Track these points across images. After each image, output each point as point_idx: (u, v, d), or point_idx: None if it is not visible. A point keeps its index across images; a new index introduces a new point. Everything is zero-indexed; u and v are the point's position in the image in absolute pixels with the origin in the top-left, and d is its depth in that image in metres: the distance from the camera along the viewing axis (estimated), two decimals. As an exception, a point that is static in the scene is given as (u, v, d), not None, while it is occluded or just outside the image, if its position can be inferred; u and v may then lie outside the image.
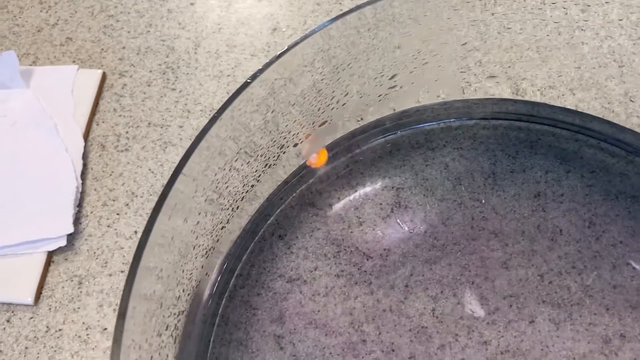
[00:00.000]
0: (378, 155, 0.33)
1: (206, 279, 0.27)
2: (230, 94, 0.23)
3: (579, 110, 0.34)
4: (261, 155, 0.27)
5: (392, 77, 0.28)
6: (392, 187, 0.32)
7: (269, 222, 0.32)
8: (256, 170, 0.27)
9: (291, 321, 0.29)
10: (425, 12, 0.26)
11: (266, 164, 0.28)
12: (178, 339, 0.24)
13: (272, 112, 0.25)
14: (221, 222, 0.27)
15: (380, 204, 0.32)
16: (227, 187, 0.25)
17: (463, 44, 0.30)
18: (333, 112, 0.29)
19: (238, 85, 0.37)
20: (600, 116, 0.34)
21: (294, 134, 0.28)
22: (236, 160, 0.25)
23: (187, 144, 0.35)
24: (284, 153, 0.29)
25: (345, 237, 0.31)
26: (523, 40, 0.34)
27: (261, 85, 0.24)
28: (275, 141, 0.27)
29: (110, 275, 0.32)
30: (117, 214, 0.33)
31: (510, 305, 0.29)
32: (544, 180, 0.32)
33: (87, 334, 0.31)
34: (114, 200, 0.34)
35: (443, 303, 0.29)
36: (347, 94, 0.28)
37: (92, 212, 0.34)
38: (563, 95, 0.35)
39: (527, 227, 0.31)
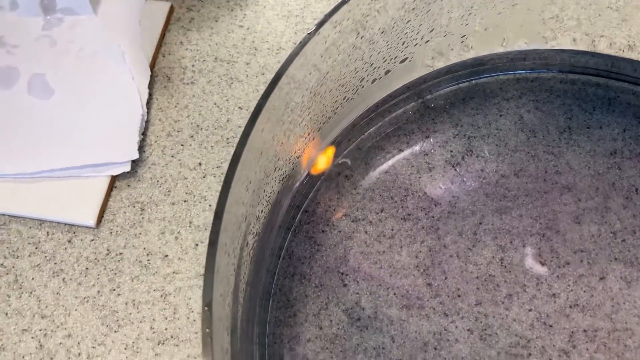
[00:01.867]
0: (450, 102, 0.32)
1: (279, 206, 0.27)
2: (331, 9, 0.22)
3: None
4: (342, 86, 0.26)
5: (481, 17, 0.28)
6: (464, 135, 0.32)
7: (337, 161, 0.31)
8: (335, 101, 0.27)
9: (355, 260, 0.29)
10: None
11: (345, 97, 0.27)
12: (253, 259, 0.24)
13: (361, 37, 0.24)
14: (297, 150, 0.26)
15: (451, 151, 0.31)
16: (309, 113, 0.25)
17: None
18: (416, 48, 0.28)
19: (307, 26, 0.37)
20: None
21: (375, 67, 0.27)
22: (321, 85, 0.24)
23: (254, 81, 0.35)
24: (362, 87, 0.28)
25: (414, 182, 0.31)
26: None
27: (350, 10, 0.24)
28: (357, 71, 0.26)
29: (173, 204, 0.32)
30: (182, 145, 0.33)
31: (581, 260, 0.29)
32: (621, 138, 0.31)
33: (148, 260, 0.30)
34: (178, 132, 0.34)
35: (512, 253, 0.29)
36: (432, 29, 0.27)
37: (156, 142, 0.33)
38: (644, 55, 0.34)
39: (601, 183, 0.30)
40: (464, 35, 0.30)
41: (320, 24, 0.22)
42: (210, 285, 0.17)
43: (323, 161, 0.31)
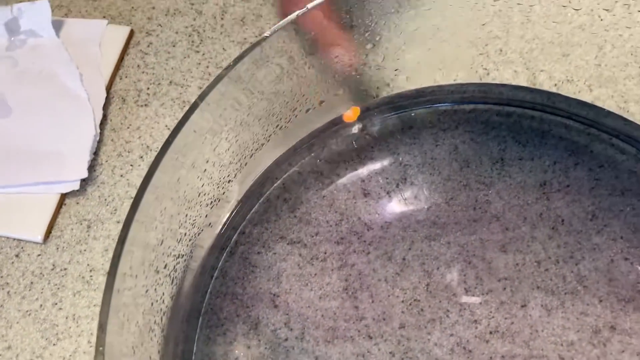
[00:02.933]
0: (390, 130, 0.34)
1: (209, 229, 0.28)
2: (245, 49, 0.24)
3: (596, 104, 0.34)
4: (272, 115, 0.27)
5: (410, 52, 0.29)
6: (400, 163, 0.33)
7: (275, 185, 0.32)
8: (267, 130, 0.28)
9: (288, 281, 0.30)
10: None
11: (277, 125, 0.29)
12: (176, 281, 0.25)
13: (287, 73, 0.25)
14: (228, 176, 0.28)
15: (387, 178, 0.33)
16: (237, 140, 0.26)
17: (483, 24, 0.30)
18: (349, 81, 0.29)
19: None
20: (617, 111, 0.34)
21: (307, 98, 0.29)
22: (247, 114, 0.26)
23: (243, 93, 0.36)
24: (296, 117, 0.29)
25: (349, 207, 0.32)
26: (545, 32, 0.34)
27: (275, 45, 0.25)
28: (288, 103, 0.27)
29: (118, 222, 0.33)
30: (131, 165, 0.34)
31: (504, 288, 0.30)
32: (551, 170, 0.32)
33: (91, 276, 0.32)
34: (129, 152, 0.35)
35: (438, 279, 0.30)
36: (365, 63, 0.29)
37: (106, 161, 0.35)
38: (580, 91, 0.35)
39: (529, 213, 0.31)
40: (397, 70, 0.31)
41: (237, 60, 0.23)
42: (106, 311, 0.18)
43: (260, 184, 0.32)
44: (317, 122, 0.31)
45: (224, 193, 0.28)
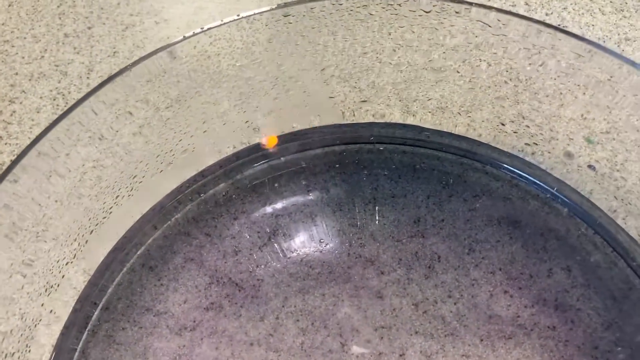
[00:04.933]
0: (260, 180, 0.32)
1: (50, 316, 0.26)
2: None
3: (468, 135, 0.33)
4: (107, 187, 0.26)
5: (255, 106, 0.28)
6: (272, 214, 0.31)
7: (139, 252, 0.31)
8: (104, 203, 0.27)
9: (155, 357, 0.28)
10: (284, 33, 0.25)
11: (117, 196, 0.27)
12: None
13: (113, 141, 0.24)
14: (64, 258, 0.26)
15: (258, 231, 0.31)
16: (61, 217, 0.25)
17: (330, 68, 0.29)
18: (193, 139, 0.28)
19: (117, 109, 0.37)
20: (491, 137, 0.33)
21: (146, 164, 0.27)
22: (71, 194, 0.24)
23: (75, 175, 0.35)
24: (140, 183, 0.28)
25: (219, 268, 0.30)
26: (418, 59, 0.33)
27: (97, 108, 0.24)
28: (124, 172, 0.26)
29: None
30: (-8, 245, 0.32)
31: (382, 337, 0.28)
32: (424, 205, 0.31)
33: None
34: (-9, 231, 0.33)
35: (312, 336, 0.28)
36: (205, 121, 0.27)
37: (-33, 244, 0.33)
38: (454, 116, 0.34)
39: (404, 254, 0.30)
40: (247, 121, 0.30)
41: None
42: None
43: (123, 252, 0.30)
44: (188, 173, 0.30)
45: (63, 276, 0.26)
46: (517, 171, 0.31)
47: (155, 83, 0.24)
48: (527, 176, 0.31)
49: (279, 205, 0.32)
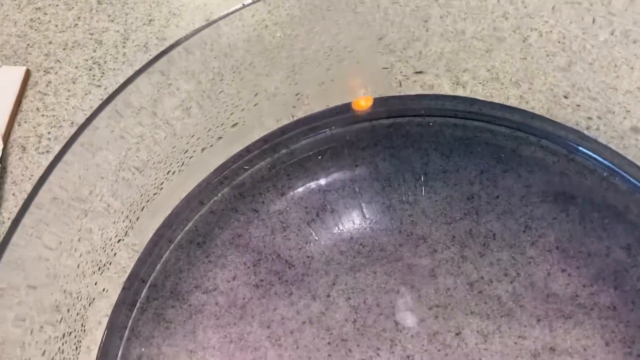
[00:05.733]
0: (306, 155, 0.31)
1: (102, 294, 0.26)
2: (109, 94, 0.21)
3: (521, 107, 0.31)
4: (160, 162, 0.25)
5: (300, 78, 0.26)
6: (319, 190, 0.31)
7: (186, 228, 0.30)
8: (156, 179, 0.26)
9: (205, 335, 0.28)
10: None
11: (169, 171, 0.26)
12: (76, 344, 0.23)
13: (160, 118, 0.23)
14: (117, 235, 0.25)
15: (306, 207, 0.30)
16: (117, 196, 0.24)
17: (386, 34, 0.28)
18: (244, 113, 0.27)
19: (170, 82, 0.36)
20: (545, 110, 0.32)
21: (198, 138, 0.26)
22: (123, 170, 0.23)
23: (114, 146, 0.34)
24: (190, 158, 0.27)
25: (267, 244, 0.30)
26: (467, 29, 0.32)
27: (151, 82, 0.23)
28: (175, 147, 0.25)
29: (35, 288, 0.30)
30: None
31: (436, 316, 0.28)
32: (478, 181, 0.30)
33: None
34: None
35: (365, 314, 0.28)
36: (257, 93, 0.26)
37: (9, 219, 0.32)
38: (506, 87, 0.33)
39: (458, 231, 0.29)
40: (298, 93, 0.29)
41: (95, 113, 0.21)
42: None
43: (170, 228, 0.30)
44: (233, 150, 0.29)
45: (115, 254, 0.26)
46: (574, 145, 0.30)
47: (209, 54, 0.23)
48: (584, 150, 0.30)
49: (325, 180, 0.31)
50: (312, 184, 0.31)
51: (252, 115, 0.27)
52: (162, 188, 0.26)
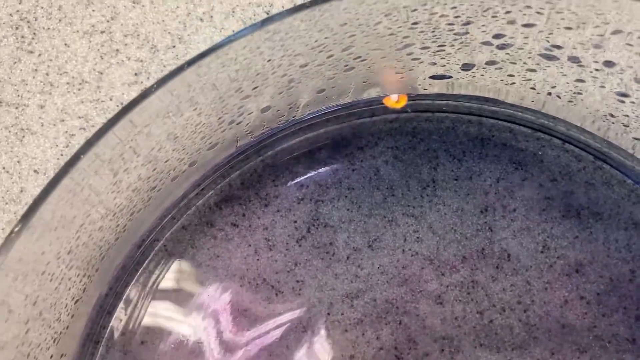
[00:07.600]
0: (294, 157, 0.26)
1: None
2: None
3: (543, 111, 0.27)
4: (122, 209, 0.20)
5: (295, 91, 0.21)
6: (311, 200, 0.26)
7: (156, 247, 0.26)
8: (117, 225, 0.21)
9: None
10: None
11: (132, 212, 0.21)
12: None
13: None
14: (73, 298, 0.21)
15: (295, 221, 0.26)
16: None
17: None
18: (224, 133, 0.22)
19: (116, 47, 0.29)
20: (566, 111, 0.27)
21: (168, 172, 0.21)
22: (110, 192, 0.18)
23: (51, 131, 0.28)
24: (158, 191, 0.22)
25: (250, 267, 0.26)
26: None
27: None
28: (168, 160, 0.20)
29: None
30: (-33, 230, 0.27)
31: (442, 350, 0.25)
32: (494, 191, 0.26)
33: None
34: (-39, 210, 0.27)
35: (364, 349, 0.25)
36: (241, 114, 0.21)
37: None
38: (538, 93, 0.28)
39: (468, 251, 0.26)
40: (291, 104, 0.23)
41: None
42: None
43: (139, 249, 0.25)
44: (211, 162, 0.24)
45: (97, 270, 0.21)
46: (602, 152, 0.26)
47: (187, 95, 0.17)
48: (614, 156, 0.26)
49: (318, 189, 0.26)
50: (302, 193, 0.26)
51: (233, 132, 0.22)
52: (125, 230, 0.22)
